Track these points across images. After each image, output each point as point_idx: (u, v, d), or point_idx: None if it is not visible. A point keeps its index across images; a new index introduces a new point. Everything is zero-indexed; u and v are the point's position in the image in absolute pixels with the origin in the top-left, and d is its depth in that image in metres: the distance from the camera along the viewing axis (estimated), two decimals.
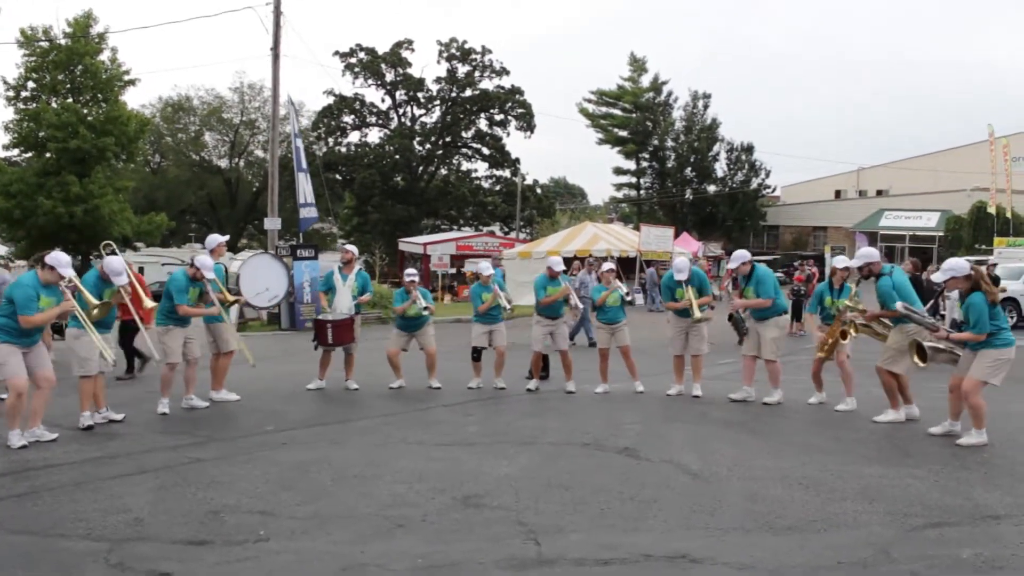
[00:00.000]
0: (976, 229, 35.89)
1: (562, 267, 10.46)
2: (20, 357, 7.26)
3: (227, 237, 10.47)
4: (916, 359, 7.71)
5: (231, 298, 9.59)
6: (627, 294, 10.34)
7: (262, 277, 10.32)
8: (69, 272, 7.42)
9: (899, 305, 7.84)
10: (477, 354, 10.62)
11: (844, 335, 8.81)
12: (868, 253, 8.58)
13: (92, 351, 7.90)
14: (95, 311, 7.70)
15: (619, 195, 60.34)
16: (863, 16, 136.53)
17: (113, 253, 9.51)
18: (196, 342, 9.21)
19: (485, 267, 10.74)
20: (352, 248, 11.35)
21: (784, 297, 9.93)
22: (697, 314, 9.71)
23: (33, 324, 7.22)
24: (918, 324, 7.89)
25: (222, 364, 9.69)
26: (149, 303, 8.91)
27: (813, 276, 22.32)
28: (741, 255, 9.72)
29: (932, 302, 9.25)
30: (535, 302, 10.39)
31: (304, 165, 23.23)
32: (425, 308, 10.30)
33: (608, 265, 10.72)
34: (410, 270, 10.79)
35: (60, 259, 7.36)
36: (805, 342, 15.54)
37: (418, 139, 51.47)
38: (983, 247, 31.63)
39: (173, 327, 8.97)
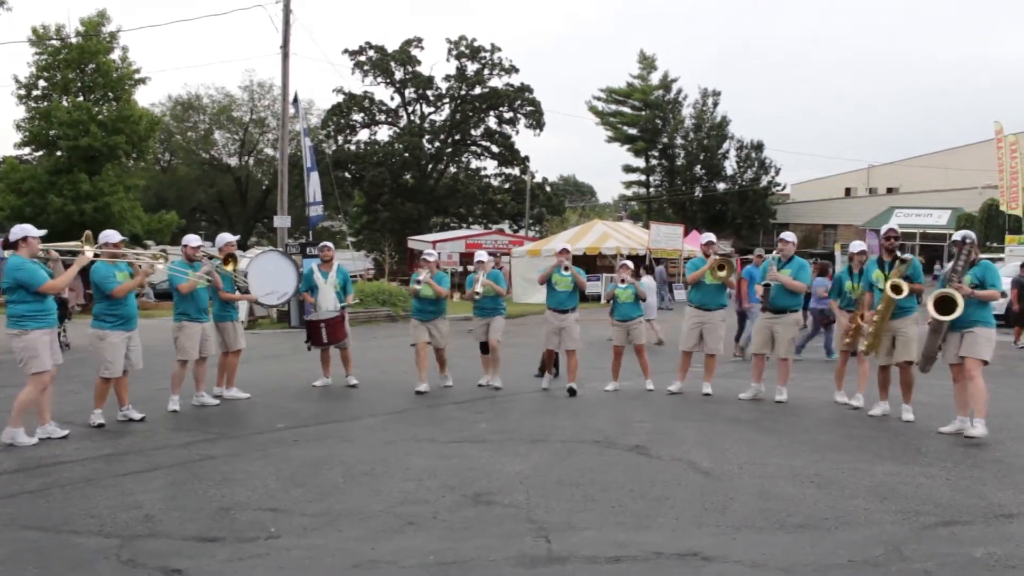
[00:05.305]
0: (988, 227, 35.65)
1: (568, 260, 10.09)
2: (49, 349, 7.31)
3: (237, 237, 10.52)
4: (935, 312, 7.41)
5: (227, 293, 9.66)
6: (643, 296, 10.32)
7: (271, 276, 10.32)
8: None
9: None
10: (484, 347, 10.66)
11: (862, 316, 8.79)
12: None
13: (117, 354, 7.91)
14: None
15: (628, 193, 60.18)
16: (873, 14, 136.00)
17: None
18: (212, 340, 9.25)
19: (479, 255, 10.81)
20: (330, 245, 11.47)
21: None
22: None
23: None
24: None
25: (231, 362, 9.73)
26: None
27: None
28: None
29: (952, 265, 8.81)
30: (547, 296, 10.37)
31: (311, 163, 23.29)
32: (419, 282, 10.24)
33: (625, 262, 10.56)
34: (429, 250, 10.85)
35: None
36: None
37: (427, 137, 51.47)
38: (995, 245, 31.44)
39: (186, 323, 8.98)
